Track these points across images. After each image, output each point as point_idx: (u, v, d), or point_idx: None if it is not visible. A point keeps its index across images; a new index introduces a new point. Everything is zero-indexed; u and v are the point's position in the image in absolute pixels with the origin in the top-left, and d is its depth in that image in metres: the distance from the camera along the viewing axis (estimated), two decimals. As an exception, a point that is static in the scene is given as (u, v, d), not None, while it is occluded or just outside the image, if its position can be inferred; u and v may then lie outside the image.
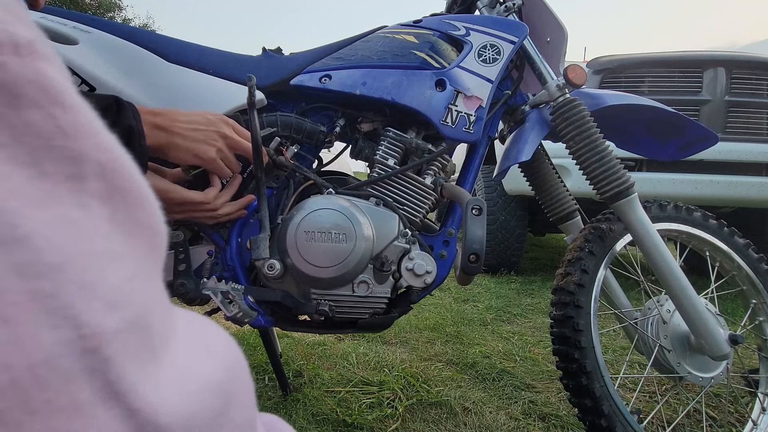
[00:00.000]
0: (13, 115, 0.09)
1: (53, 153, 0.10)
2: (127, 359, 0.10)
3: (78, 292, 0.09)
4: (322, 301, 0.76)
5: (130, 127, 0.54)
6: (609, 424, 0.79)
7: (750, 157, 2.12)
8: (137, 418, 0.10)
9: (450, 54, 0.85)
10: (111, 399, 0.10)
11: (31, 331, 0.09)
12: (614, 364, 1.39)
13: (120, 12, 18.71)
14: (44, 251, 0.09)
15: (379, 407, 1.10)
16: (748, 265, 0.96)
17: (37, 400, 0.09)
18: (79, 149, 0.10)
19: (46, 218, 0.09)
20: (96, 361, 0.09)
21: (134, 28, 0.81)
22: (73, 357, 0.09)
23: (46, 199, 0.09)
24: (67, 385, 0.09)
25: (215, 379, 0.13)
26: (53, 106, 0.10)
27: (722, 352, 0.84)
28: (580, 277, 0.86)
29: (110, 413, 0.10)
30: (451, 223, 0.86)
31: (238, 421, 0.14)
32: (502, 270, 2.72)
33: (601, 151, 0.87)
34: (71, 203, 0.10)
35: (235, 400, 0.14)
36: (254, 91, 0.70)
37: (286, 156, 0.78)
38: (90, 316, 0.09)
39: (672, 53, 2.33)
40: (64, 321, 0.09)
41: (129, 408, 0.10)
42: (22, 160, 0.09)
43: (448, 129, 0.81)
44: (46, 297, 0.09)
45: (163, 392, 0.11)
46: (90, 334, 0.09)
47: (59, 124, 0.10)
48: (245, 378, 0.16)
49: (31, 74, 0.09)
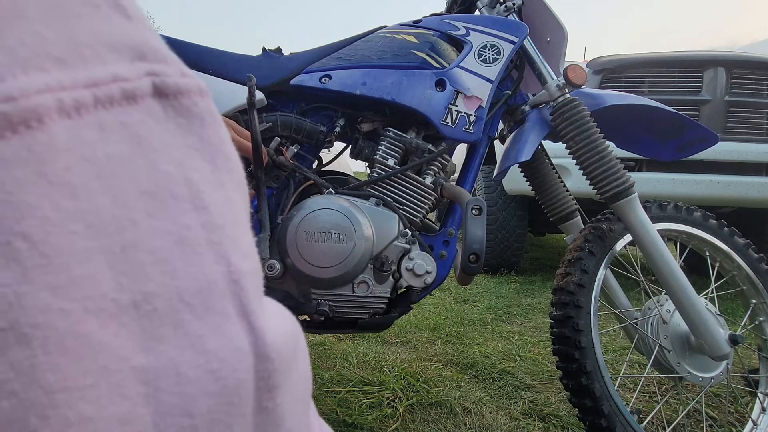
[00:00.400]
0: (202, 131, 0.15)
1: (221, 154, 0.15)
2: (253, 292, 0.15)
3: (230, 244, 0.15)
4: (322, 301, 0.76)
5: None
6: (609, 424, 0.79)
7: (750, 157, 2.12)
8: (255, 332, 0.15)
9: (450, 54, 0.85)
10: (242, 315, 0.14)
11: (208, 261, 0.14)
12: (614, 364, 1.39)
13: (120, 12, 18.71)
14: (216, 215, 0.14)
15: (379, 407, 1.10)
16: (748, 265, 0.96)
17: (210, 303, 0.13)
18: (229, 150, 0.16)
19: (218, 196, 0.15)
20: (237, 288, 0.14)
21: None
22: (226, 283, 0.14)
23: (218, 184, 0.15)
24: (222, 299, 0.14)
25: (291, 331, 0.18)
26: (217, 125, 0.16)
27: (722, 352, 0.84)
28: (580, 277, 0.86)
29: (242, 324, 0.14)
30: (451, 223, 0.86)
31: (302, 370, 0.19)
32: (502, 270, 2.72)
33: (601, 151, 0.87)
34: (230, 187, 0.16)
35: (301, 354, 0.19)
36: (254, 91, 0.70)
37: (286, 156, 0.78)
38: (236, 259, 0.15)
39: (672, 53, 2.34)
40: (222, 259, 0.14)
41: (252, 324, 0.15)
42: (208, 159, 0.15)
43: (448, 129, 0.81)
44: (215, 244, 0.14)
45: (267, 322, 0.16)
46: (235, 270, 0.14)
47: (221, 135, 0.15)
48: (304, 342, 0.20)
49: (209, 107, 0.15)
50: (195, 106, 0.15)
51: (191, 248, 0.13)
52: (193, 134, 0.14)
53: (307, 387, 0.20)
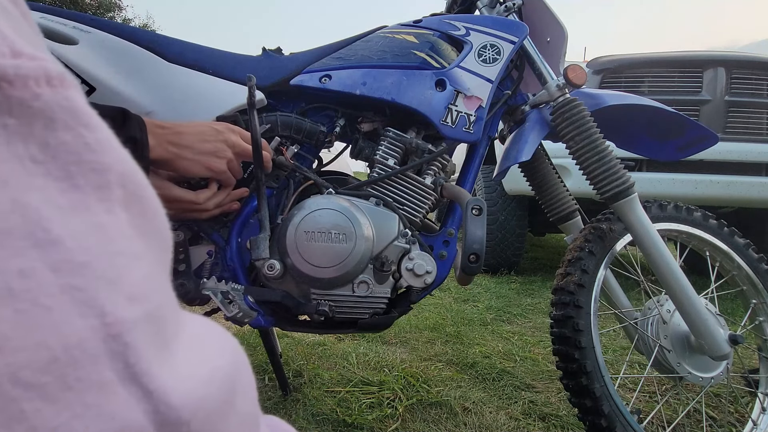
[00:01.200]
0: (49, 135, 0.11)
1: (83, 167, 0.12)
2: (145, 346, 0.12)
3: (103, 287, 0.11)
4: (322, 301, 0.76)
5: (134, 138, 0.54)
6: (609, 424, 0.79)
7: (750, 157, 2.12)
8: (152, 398, 0.11)
9: (450, 54, 0.85)
10: (130, 379, 0.11)
11: (65, 318, 0.10)
12: (614, 364, 1.39)
13: (120, 12, 18.70)
14: (74, 251, 0.11)
15: (379, 407, 1.10)
16: (748, 265, 0.96)
17: (72, 377, 0.10)
18: (104, 162, 0.12)
19: (77, 223, 0.11)
20: (118, 345, 0.11)
21: (134, 28, 0.81)
22: (98, 341, 0.11)
23: (77, 207, 0.11)
24: (94, 365, 0.11)
25: (222, 369, 0.15)
26: (81, 127, 0.12)
27: (722, 352, 0.84)
28: (580, 277, 0.86)
29: (129, 392, 0.11)
30: (451, 223, 0.86)
31: (243, 411, 0.15)
32: (502, 270, 2.72)
33: (601, 151, 0.87)
34: (99, 210, 0.12)
35: (240, 392, 0.15)
36: (254, 91, 0.70)
37: (286, 156, 0.78)
38: (113, 307, 0.11)
39: (672, 53, 2.33)
40: (90, 310, 0.11)
41: (145, 388, 0.11)
42: (57, 174, 0.11)
43: (448, 129, 0.81)
44: (75, 290, 0.11)
45: (176, 377, 0.12)
46: (112, 322, 0.11)
47: (87, 142, 0.12)
48: (248, 372, 0.17)
49: (63, 101, 0.11)
50: (36, 99, 0.11)
51: (32, 303, 0.10)
52: (29, 140, 0.11)
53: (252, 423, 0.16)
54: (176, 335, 0.14)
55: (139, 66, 0.74)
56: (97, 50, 0.72)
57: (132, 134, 0.54)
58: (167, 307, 0.13)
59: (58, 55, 0.66)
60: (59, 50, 0.68)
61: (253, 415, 0.16)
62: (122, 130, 0.53)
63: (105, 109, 0.53)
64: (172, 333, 0.13)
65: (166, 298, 0.13)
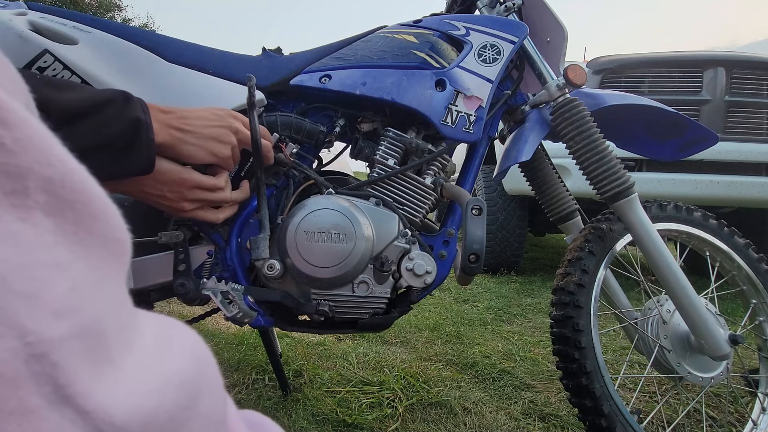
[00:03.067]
0: None
1: None
2: (77, 364, 0.11)
3: (21, 303, 0.10)
4: (322, 301, 0.76)
5: (138, 119, 0.52)
6: (609, 424, 0.79)
7: (750, 157, 2.12)
8: (90, 419, 0.10)
9: (450, 54, 0.85)
10: (61, 402, 0.10)
11: None
12: (614, 364, 1.39)
13: (120, 12, 18.71)
14: None
15: (379, 407, 1.10)
16: (748, 265, 0.96)
17: None
18: (22, 165, 0.11)
19: None
20: (43, 366, 0.10)
21: (134, 28, 0.81)
22: (18, 364, 0.09)
23: None
24: (15, 390, 0.09)
25: (181, 374, 0.14)
26: None
27: (722, 352, 0.84)
28: (580, 277, 0.86)
29: (62, 415, 0.10)
30: (451, 223, 0.86)
31: (208, 414, 0.15)
32: (502, 270, 2.72)
33: (601, 151, 0.87)
34: (11, 218, 0.10)
35: (204, 394, 0.15)
36: (254, 91, 0.70)
37: (285, 153, 0.77)
38: (35, 324, 0.10)
39: (672, 53, 2.33)
40: (8, 330, 0.09)
41: (81, 410, 0.10)
42: None
43: (448, 129, 0.81)
44: None
45: (120, 392, 0.11)
46: (36, 341, 0.10)
47: (2, 142, 0.10)
48: (213, 373, 0.16)
49: None
50: None
51: None
52: None
53: (221, 428, 0.15)
54: (124, 345, 0.13)
55: (139, 66, 0.74)
56: (97, 50, 0.72)
57: (135, 115, 0.53)
58: (109, 318, 0.12)
59: (58, 55, 0.66)
60: (59, 50, 0.68)
61: (220, 414, 0.16)
62: (125, 111, 0.52)
63: (105, 92, 0.52)
64: (117, 344, 0.12)
65: (107, 308, 0.12)
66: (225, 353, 1.41)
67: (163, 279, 0.75)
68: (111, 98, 0.52)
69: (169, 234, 0.73)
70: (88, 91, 0.51)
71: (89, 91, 0.51)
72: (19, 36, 0.66)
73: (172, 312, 1.81)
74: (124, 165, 0.53)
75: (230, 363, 1.34)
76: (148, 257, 0.76)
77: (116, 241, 0.14)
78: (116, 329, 0.13)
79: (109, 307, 0.13)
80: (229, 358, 1.37)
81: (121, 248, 0.15)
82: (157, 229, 0.75)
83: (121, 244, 0.15)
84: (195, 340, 0.16)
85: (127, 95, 0.54)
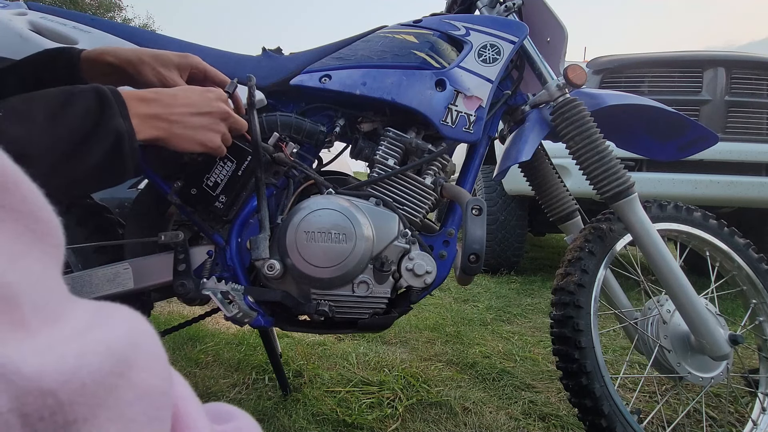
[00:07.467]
0: None
1: None
2: None
3: None
4: (322, 301, 0.76)
5: (117, 133, 0.48)
6: (609, 424, 0.79)
7: (750, 157, 2.12)
8: (16, 385, 0.11)
9: (450, 54, 0.85)
10: None
11: None
12: (614, 364, 1.39)
13: (120, 12, 18.71)
14: None
15: (379, 407, 1.10)
16: (748, 265, 0.96)
17: None
18: None
19: None
20: None
21: (134, 28, 0.81)
22: None
23: None
24: None
25: (107, 342, 0.14)
26: None
27: (722, 352, 0.84)
28: (580, 277, 0.86)
29: None
30: (451, 223, 0.86)
31: (142, 385, 0.15)
32: (502, 270, 2.72)
33: (601, 151, 0.87)
34: None
35: (139, 366, 0.15)
36: (254, 91, 0.70)
37: (285, 152, 0.77)
38: None
39: (672, 53, 2.33)
40: None
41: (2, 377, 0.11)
42: None
43: (448, 129, 0.81)
44: None
45: (32, 351, 0.12)
46: None
47: None
48: (152, 348, 0.17)
49: None
50: None
51: None
52: None
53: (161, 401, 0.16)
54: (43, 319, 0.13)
55: None
56: (97, 50, 0.72)
57: (113, 127, 0.47)
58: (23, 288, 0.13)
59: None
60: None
61: (161, 389, 0.16)
62: (101, 120, 0.47)
63: (76, 105, 0.46)
64: (33, 316, 0.13)
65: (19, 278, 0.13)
66: (225, 353, 1.41)
67: (163, 279, 0.75)
68: (85, 109, 0.47)
69: (169, 234, 0.73)
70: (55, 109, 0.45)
71: (56, 108, 0.46)
72: (19, 36, 0.66)
73: (172, 312, 1.81)
74: (107, 179, 0.51)
75: (230, 363, 1.34)
76: (149, 257, 0.76)
77: (36, 220, 0.15)
78: (34, 302, 0.13)
79: (21, 277, 0.13)
80: (229, 358, 1.37)
81: (45, 228, 0.15)
82: (157, 229, 0.75)
83: (42, 223, 0.15)
84: (135, 318, 0.17)
85: (101, 96, 0.48)
